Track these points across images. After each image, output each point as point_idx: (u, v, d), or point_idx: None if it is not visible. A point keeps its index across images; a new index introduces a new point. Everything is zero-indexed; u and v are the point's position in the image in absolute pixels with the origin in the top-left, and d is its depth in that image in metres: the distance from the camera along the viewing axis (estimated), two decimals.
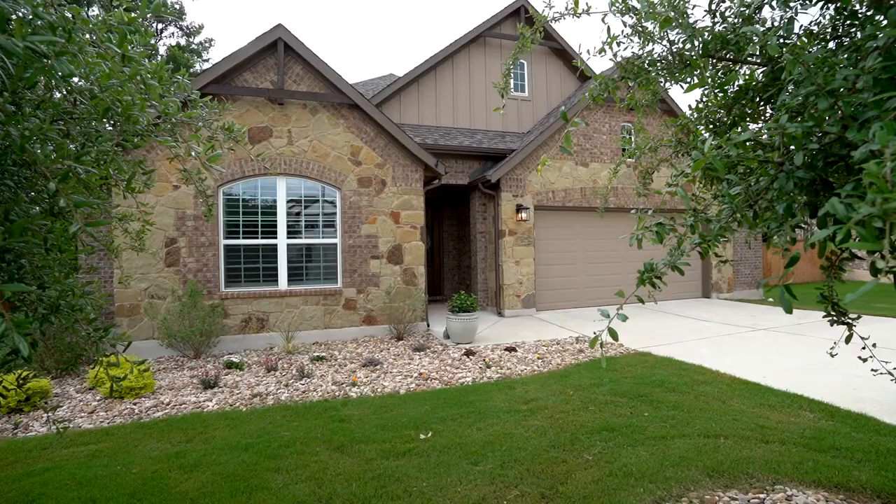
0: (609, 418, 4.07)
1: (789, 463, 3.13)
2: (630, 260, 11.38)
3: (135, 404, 4.82)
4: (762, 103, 1.91)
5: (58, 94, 1.63)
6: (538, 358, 6.32)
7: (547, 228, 10.62)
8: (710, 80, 1.46)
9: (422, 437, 3.79)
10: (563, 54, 12.49)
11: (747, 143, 1.23)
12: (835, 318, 1.76)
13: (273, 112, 7.72)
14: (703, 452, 3.34)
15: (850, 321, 1.75)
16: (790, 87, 1.74)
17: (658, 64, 1.80)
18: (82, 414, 4.61)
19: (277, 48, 7.62)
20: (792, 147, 1.26)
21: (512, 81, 11.81)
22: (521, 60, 12.18)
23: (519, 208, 10.02)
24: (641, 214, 1.87)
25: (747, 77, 1.95)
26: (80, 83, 1.57)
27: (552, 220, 10.69)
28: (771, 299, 12.14)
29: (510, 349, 6.82)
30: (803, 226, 1.31)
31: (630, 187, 11.26)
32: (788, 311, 1.12)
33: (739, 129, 1.77)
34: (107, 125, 1.51)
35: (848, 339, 1.75)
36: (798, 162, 1.19)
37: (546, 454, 3.42)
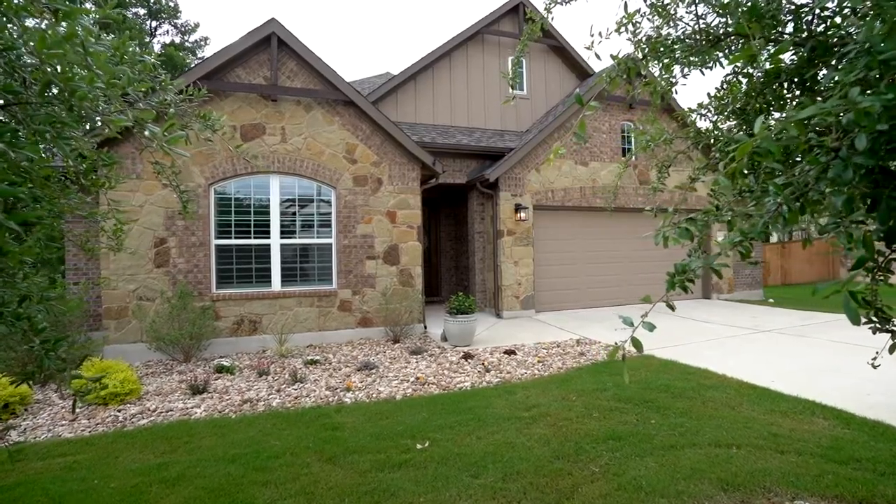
0: (614, 426, 3.89)
1: (808, 475, 2.96)
2: (632, 260, 11.22)
3: (119, 411, 4.61)
4: (794, 88, 1.74)
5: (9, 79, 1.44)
6: (538, 361, 6.14)
7: (546, 228, 10.44)
8: (756, 47, 1.28)
9: (419, 446, 3.60)
10: (562, 52, 12.32)
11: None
12: (878, 326, 1.58)
13: (266, 109, 7.52)
14: (715, 463, 3.17)
15: (895, 329, 1.58)
16: (828, 64, 1.56)
17: (680, 44, 1.63)
18: (63, 422, 4.40)
19: (271, 43, 7.42)
20: (850, 130, 1.08)
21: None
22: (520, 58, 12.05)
23: (518, 208, 9.84)
24: (660, 213, 1.70)
25: (773, 62, 1.78)
26: (29, 60, 1.38)
27: (551, 220, 10.51)
28: (772, 300, 12.01)
29: (509, 352, 6.64)
30: (861, 220, 1.13)
31: (629, 186, 11.11)
32: (856, 321, 0.94)
33: (789, 111, 1.59)
34: (60, 106, 1.32)
35: (892, 349, 1.58)
36: (860, 146, 1.01)
37: (550, 465, 3.23)
